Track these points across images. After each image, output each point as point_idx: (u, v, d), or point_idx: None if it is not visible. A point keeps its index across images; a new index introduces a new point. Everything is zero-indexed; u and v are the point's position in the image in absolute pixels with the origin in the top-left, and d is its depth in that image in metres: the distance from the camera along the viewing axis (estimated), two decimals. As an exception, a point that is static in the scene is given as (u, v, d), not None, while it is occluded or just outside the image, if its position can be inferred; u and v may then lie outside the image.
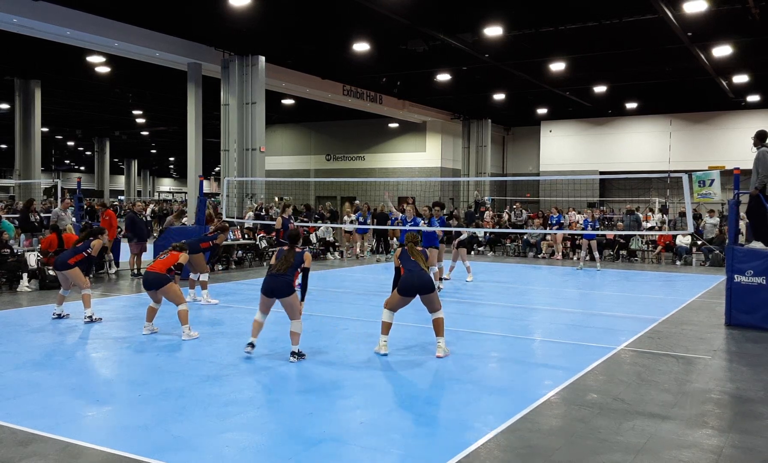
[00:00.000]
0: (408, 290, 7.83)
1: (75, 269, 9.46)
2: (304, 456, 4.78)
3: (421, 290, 7.79)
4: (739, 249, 10.07)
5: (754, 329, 9.60)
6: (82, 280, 9.52)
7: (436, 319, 7.86)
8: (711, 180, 17.92)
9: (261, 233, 18.69)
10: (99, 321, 9.48)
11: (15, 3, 16.56)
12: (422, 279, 7.81)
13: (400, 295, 7.88)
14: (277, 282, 7.55)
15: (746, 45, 20.37)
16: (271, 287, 7.58)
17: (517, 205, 27.37)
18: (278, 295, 7.56)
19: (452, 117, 36.14)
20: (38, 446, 4.91)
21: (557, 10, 17.86)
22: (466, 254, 15.38)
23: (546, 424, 5.56)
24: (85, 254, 9.60)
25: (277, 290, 7.56)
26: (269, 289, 7.60)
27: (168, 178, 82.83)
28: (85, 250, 9.60)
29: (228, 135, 22.41)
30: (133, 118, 38.36)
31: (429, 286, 7.81)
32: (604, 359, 7.82)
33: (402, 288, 7.86)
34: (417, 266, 7.87)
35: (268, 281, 7.63)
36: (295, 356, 7.53)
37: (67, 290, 9.75)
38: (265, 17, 18.33)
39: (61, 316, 9.72)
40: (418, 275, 7.82)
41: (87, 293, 9.53)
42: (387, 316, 7.96)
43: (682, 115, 34.10)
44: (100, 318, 9.59)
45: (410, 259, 7.95)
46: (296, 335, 7.58)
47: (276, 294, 7.57)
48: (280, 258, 7.71)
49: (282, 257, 7.71)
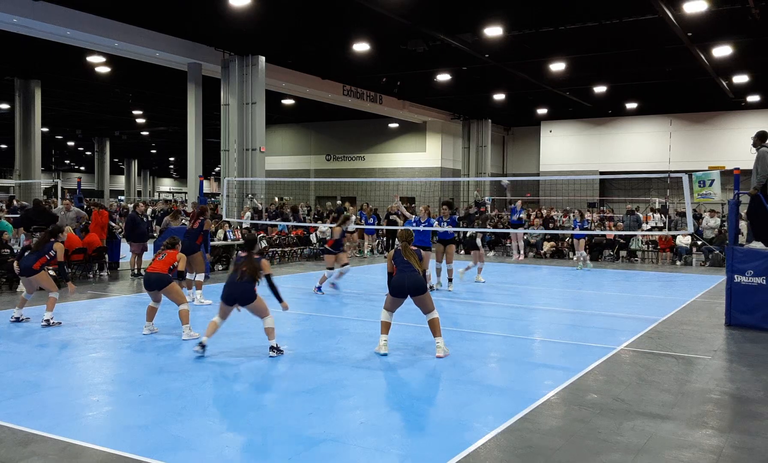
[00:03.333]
0: (398, 291, 7.80)
1: (41, 273, 9.19)
2: (304, 456, 4.78)
3: (412, 291, 7.74)
4: (739, 249, 10.08)
5: (754, 329, 9.60)
6: (51, 284, 9.27)
7: (431, 320, 7.82)
8: (711, 180, 17.91)
9: (260, 233, 18.69)
10: (58, 325, 9.18)
11: (15, 3, 16.56)
12: (413, 280, 7.73)
13: (391, 295, 7.87)
14: (239, 289, 7.51)
15: (746, 45, 20.36)
16: (234, 295, 7.54)
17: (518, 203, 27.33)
18: (241, 302, 7.54)
19: (452, 117, 36.13)
20: (38, 446, 4.91)
21: (557, 10, 17.85)
22: (481, 255, 15.24)
23: (546, 424, 5.55)
24: (48, 256, 9.25)
25: (239, 297, 7.53)
26: (231, 297, 7.54)
27: (168, 178, 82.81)
28: (47, 252, 9.25)
29: (228, 135, 22.40)
30: (133, 118, 38.36)
31: (420, 287, 7.74)
32: (604, 359, 7.82)
33: (393, 289, 7.84)
34: (409, 266, 7.79)
35: (229, 288, 7.56)
36: (274, 351, 7.58)
37: (31, 294, 9.43)
38: (265, 17, 18.32)
39: (19, 320, 9.39)
40: (409, 276, 7.74)
41: (54, 297, 9.26)
42: (385, 316, 7.95)
43: (682, 115, 34.09)
44: (60, 322, 9.30)
45: (403, 259, 7.87)
46: (271, 330, 7.64)
47: (239, 301, 7.54)
48: (239, 264, 7.65)
49: (241, 264, 7.63)
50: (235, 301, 7.55)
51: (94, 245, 14.49)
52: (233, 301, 7.56)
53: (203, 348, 7.57)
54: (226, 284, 7.69)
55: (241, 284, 7.51)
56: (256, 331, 9.24)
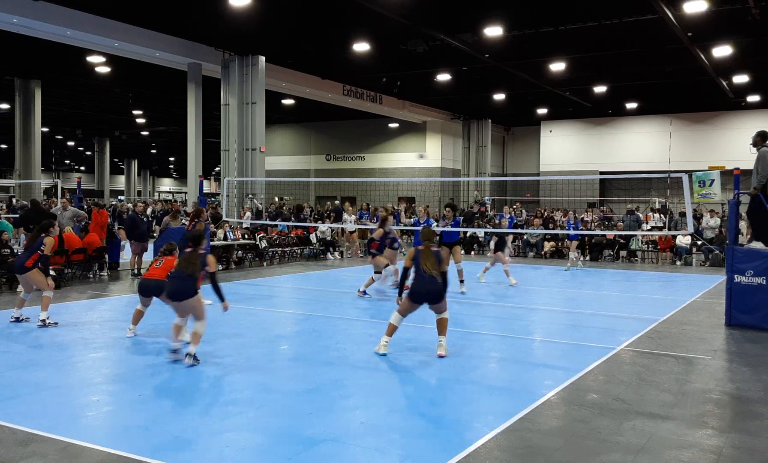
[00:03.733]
0: (419, 297, 7.65)
1: (34, 270, 9.06)
2: (304, 456, 4.78)
3: (431, 299, 7.63)
4: (739, 249, 10.07)
5: (754, 329, 9.60)
6: (43, 281, 9.16)
7: (441, 319, 7.76)
8: (711, 180, 17.89)
9: (261, 233, 18.69)
10: (55, 325, 9.09)
11: (15, 3, 16.57)
12: (433, 287, 7.58)
13: (410, 301, 7.69)
14: (179, 285, 7.24)
15: (746, 45, 20.37)
16: (172, 290, 7.26)
17: (517, 205, 27.37)
18: (178, 297, 7.22)
19: (452, 117, 36.15)
20: (38, 446, 4.91)
21: (557, 10, 17.87)
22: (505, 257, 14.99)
23: (546, 424, 5.55)
24: (40, 252, 9.15)
25: (179, 292, 7.23)
26: (169, 291, 7.31)
27: (168, 178, 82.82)
28: (38, 248, 9.15)
29: (228, 135, 22.41)
30: (133, 118, 38.38)
31: (439, 295, 7.63)
32: (604, 359, 7.81)
33: (414, 295, 7.66)
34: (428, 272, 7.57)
35: (169, 283, 7.34)
36: (190, 358, 7.09)
37: (29, 293, 9.33)
38: (265, 17, 18.33)
39: (19, 320, 9.28)
40: (429, 282, 7.57)
41: (48, 296, 9.15)
42: (396, 319, 7.79)
43: (682, 115, 34.10)
44: (56, 323, 9.19)
45: (422, 263, 7.61)
46: (198, 336, 7.20)
47: (176, 297, 7.24)
48: (181, 259, 7.41)
49: (184, 259, 7.37)
50: (173, 296, 7.25)
51: (94, 244, 14.49)
52: (173, 296, 7.27)
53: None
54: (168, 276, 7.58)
55: (182, 279, 7.23)
56: (257, 331, 9.26)
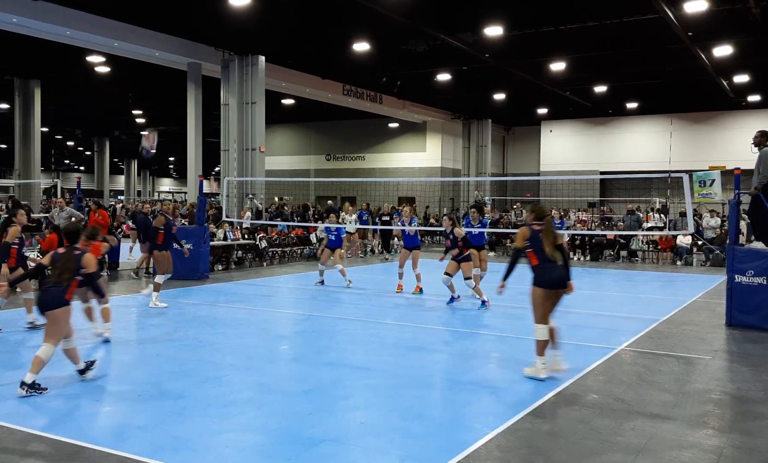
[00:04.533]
0: (555, 283, 6.64)
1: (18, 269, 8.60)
2: (304, 456, 4.78)
3: (560, 283, 6.67)
4: (740, 249, 10.07)
5: (755, 330, 9.60)
6: (23, 285, 8.80)
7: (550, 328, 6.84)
8: (711, 180, 17.87)
9: (261, 233, 18.68)
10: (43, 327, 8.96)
11: (15, 3, 16.55)
12: (561, 270, 6.66)
13: (545, 289, 6.64)
14: (46, 294, 6.21)
15: (746, 45, 20.36)
16: (40, 301, 6.27)
17: (518, 205, 27.36)
18: (43, 308, 6.19)
19: (452, 117, 36.13)
20: (38, 446, 4.91)
21: (558, 9, 17.85)
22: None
23: (546, 424, 5.55)
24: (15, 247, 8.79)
25: (43, 302, 6.19)
26: (38, 302, 6.31)
27: (168, 178, 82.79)
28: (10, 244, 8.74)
29: (228, 135, 22.40)
30: (133, 118, 38.36)
31: (567, 278, 6.71)
32: (604, 359, 7.81)
33: (551, 281, 6.64)
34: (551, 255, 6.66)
35: (40, 292, 6.33)
36: (24, 388, 5.97)
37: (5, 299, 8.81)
38: (265, 17, 18.32)
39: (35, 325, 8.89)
40: (559, 267, 6.65)
41: (28, 298, 8.87)
42: (543, 332, 6.73)
43: (682, 115, 34.08)
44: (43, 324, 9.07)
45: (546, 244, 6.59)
46: (40, 362, 6.05)
47: (41, 307, 6.21)
48: (57, 263, 6.35)
49: (59, 262, 6.34)
50: (39, 306, 6.27)
51: (94, 244, 14.48)
52: (38, 306, 6.29)
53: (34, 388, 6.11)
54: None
55: (49, 288, 6.21)
56: (257, 330, 9.25)
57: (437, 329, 9.62)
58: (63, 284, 6.23)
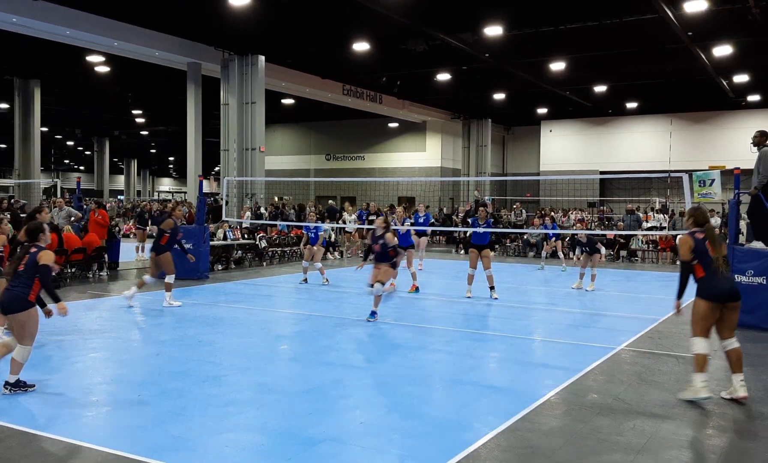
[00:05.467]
0: (726, 295, 5.99)
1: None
2: (304, 456, 4.78)
3: (731, 296, 5.98)
4: (740, 249, 10.07)
5: (755, 329, 9.59)
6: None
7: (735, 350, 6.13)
8: (711, 180, 17.85)
9: (261, 232, 18.68)
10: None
11: (15, 3, 16.56)
12: (734, 282, 6.11)
13: (712, 302, 5.97)
14: (7, 295, 5.99)
15: (746, 45, 20.37)
16: (1, 302, 6.02)
17: (517, 205, 27.37)
18: (5, 310, 6.00)
19: (452, 117, 36.14)
20: (38, 446, 4.90)
21: (557, 9, 17.86)
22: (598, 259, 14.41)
23: (546, 424, 5.55)
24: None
25: (5, 303, 5.99)
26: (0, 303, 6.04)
27: (168, 178, 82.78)
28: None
29: (228, 135, 22.40)
30: (132, 118, 38.37)
31: (737, 290, 6.09)
32: (604, 359, 7.81)
33: (718, 294, 5.97)
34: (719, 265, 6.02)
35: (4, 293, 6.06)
36: (8, 388, 6.02)
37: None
38: (265, 17, 18.33)
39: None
40: (728, 277, 6.02)
41: None
42: (703, 346, 6.02)
43: (682, 114, 34.10)
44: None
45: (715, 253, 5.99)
46: (18, 365, 6.01)
47: (4, 309, 6.01)
48: (13, 261, 6.17)
49: (14, 260, 6.16)
50: (2, 308, 6.03)
51: (94, 244, 14.48)
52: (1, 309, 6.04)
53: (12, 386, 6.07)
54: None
55: (12, 289, 5.98)
56: (256, 330, 9.25)
57: (437, 328, 9.62)
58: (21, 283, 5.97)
